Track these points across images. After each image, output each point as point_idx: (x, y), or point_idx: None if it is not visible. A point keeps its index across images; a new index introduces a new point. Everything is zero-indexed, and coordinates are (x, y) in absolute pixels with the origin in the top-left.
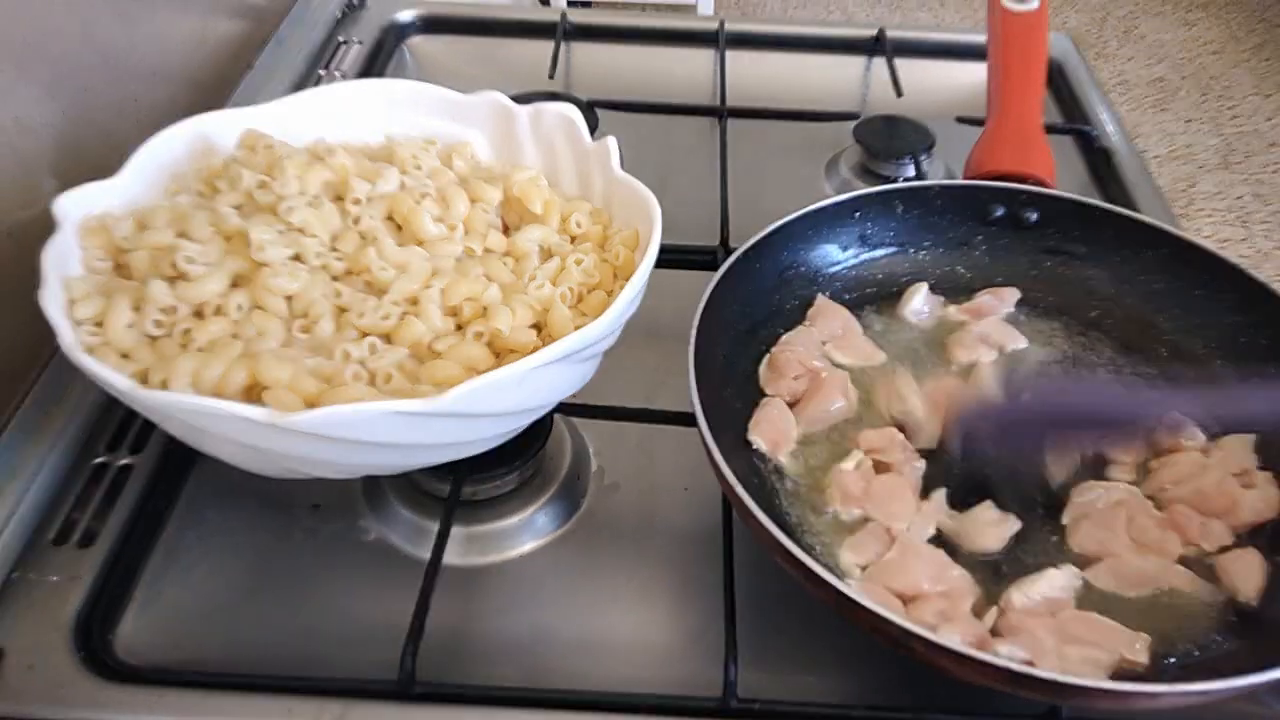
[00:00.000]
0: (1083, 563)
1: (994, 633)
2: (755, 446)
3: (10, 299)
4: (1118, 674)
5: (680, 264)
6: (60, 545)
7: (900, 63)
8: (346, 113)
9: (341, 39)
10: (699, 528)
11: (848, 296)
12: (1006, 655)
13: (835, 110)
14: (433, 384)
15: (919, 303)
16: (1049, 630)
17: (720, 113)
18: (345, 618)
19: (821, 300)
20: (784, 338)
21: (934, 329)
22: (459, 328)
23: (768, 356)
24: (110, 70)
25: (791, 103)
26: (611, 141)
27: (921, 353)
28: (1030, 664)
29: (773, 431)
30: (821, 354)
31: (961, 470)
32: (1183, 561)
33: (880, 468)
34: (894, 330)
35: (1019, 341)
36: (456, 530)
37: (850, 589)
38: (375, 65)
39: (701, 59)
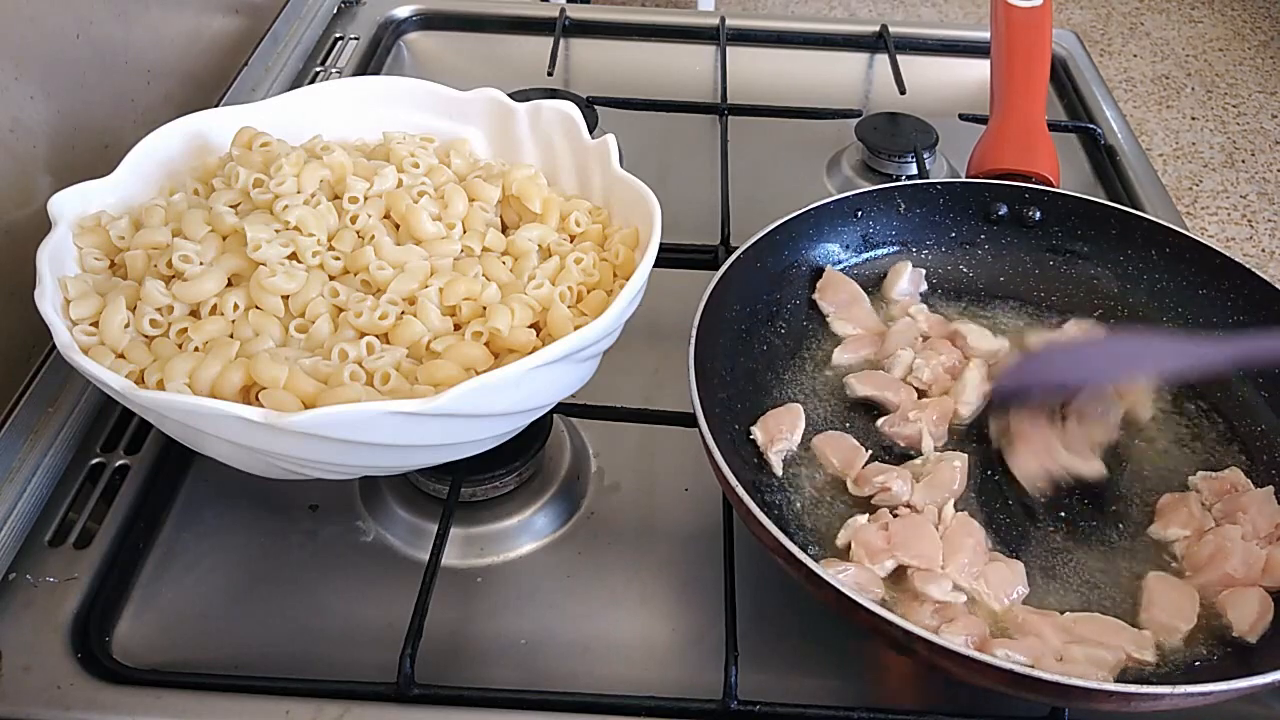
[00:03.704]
0: None
1: (996, 634)
2: (752, 437)
3: (6, 298)
4: (1124, 673)
5: (681, 263)
6: (57, 546)
7: (903, 59)
8: (343, 110)
9: (338, 35)
10: (699, 528)
11: None
12: (1009, 656)
13: (837, 107)
14: (431, 384)
15: (905, 283)
16: (1054, 630)
17: (721, 110)
18: (343, 619)
19: (830, 271)
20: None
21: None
22: (457, 327)
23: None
24: (106, 68)
25: (793, 100)
26: (611, 139)
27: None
28: (1033, 666)
29: (774, 428)
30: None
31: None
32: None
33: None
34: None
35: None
36: (455, 531)
37: (850, 589)
38: (372, 62)
39: (702, 55)
